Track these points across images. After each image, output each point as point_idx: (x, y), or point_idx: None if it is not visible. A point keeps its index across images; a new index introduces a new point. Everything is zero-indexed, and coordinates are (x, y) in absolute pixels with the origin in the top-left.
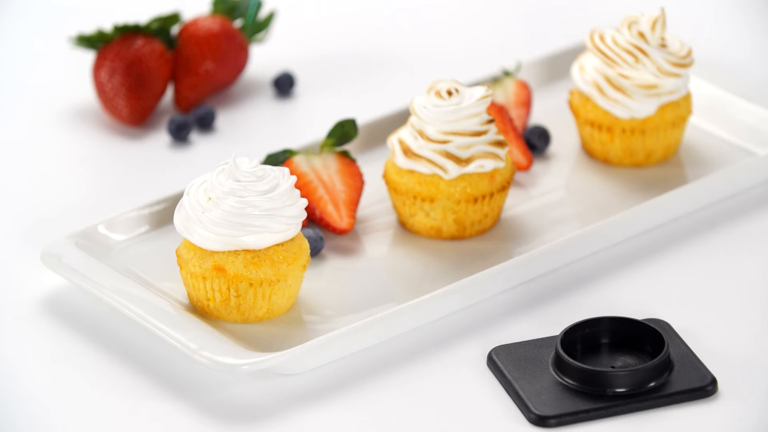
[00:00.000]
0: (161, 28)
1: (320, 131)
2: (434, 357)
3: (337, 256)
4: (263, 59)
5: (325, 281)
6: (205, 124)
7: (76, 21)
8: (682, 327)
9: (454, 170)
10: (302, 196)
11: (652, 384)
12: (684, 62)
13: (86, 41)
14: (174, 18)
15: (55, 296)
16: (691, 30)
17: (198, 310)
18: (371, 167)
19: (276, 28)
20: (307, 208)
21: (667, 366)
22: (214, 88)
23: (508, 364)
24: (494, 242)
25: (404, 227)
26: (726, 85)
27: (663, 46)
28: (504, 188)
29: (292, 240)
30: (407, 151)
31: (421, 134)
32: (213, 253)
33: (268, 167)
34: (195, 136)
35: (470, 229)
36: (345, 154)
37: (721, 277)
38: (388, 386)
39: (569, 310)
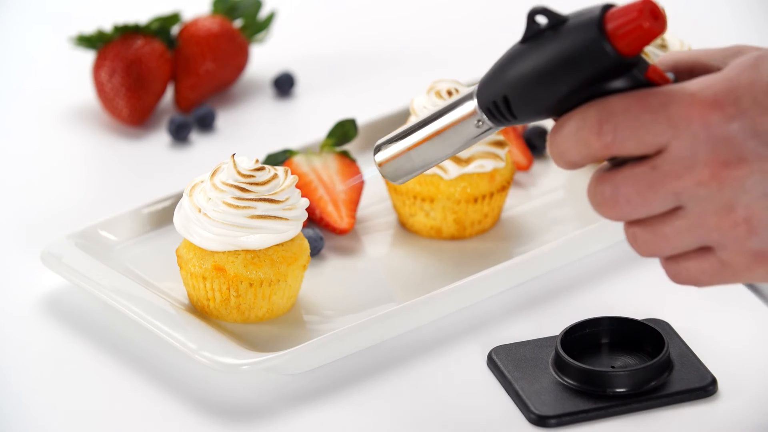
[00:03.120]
0: (161, 28)
1: (320, 131)
2: (434, 357)
3: (337, 256)
4: (263, 59)
5: (325, 281)
6: (205, 124)
7: (76, 21)
8: (682, 327)
9: (454, 170)
10: (302, 196)
11: (652, 384)
12: None
13: (86, 41)
14: (174, 18)
15: (55, 296)
16: (691, 30)
17: (198, 310)
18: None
19: (276, 28)
20: (307, 208)
21: (667, 366)
22: (214, 88)
23: (508, 364)
24: (494, 242)
25: (404, 227)
26: None
27: (663, 46)
28: (504, 188)
29: (292, 240)
30: None
31: None
32: (213, 253)
33: (269, 167)
34: (195, 136)
35: (470, 229)
36: (345, 154)
37: None
38: (388, 386)
39: (569, 310)
